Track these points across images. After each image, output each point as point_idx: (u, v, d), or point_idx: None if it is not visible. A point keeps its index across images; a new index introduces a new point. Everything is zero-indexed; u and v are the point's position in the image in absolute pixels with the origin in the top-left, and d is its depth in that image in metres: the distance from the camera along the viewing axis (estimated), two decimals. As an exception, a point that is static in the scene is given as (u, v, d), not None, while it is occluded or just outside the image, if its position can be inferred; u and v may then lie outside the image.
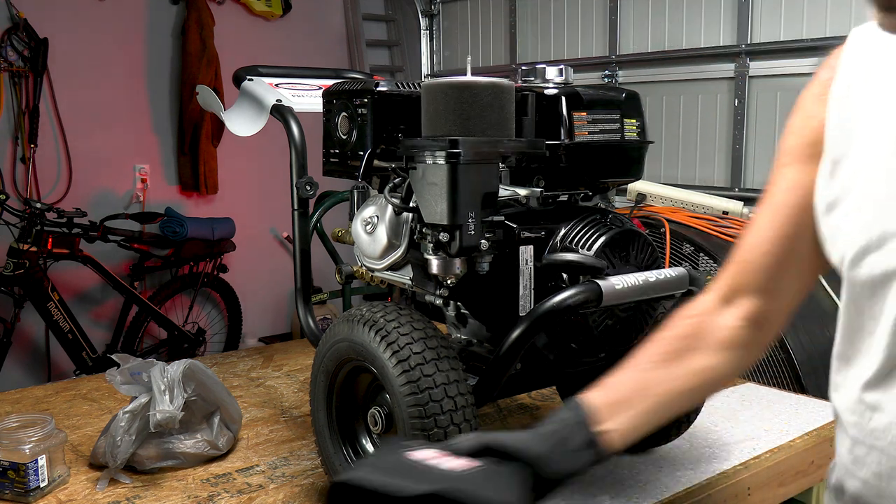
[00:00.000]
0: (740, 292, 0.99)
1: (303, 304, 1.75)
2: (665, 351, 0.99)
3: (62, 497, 1.48)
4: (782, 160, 0.95)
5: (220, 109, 2.00)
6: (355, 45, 5.14)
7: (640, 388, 0.97)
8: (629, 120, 1.42)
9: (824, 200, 0.87)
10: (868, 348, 0.82)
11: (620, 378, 0.98)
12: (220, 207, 4.58)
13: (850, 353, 0.86)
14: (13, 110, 3.91)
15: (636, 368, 0.99)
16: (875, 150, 0.81)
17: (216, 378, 1.67)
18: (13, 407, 1.94)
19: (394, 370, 1.25)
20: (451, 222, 1.24)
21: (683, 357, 0.98)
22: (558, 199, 1.49)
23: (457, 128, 1.25)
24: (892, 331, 0.78)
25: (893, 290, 0.78)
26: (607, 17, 4.05)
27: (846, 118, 0.85)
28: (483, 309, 1.45)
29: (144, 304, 4.04)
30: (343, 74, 2.11)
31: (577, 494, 1.48)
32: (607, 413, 0.93)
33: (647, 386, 0.97)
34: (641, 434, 0.97)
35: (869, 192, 0.81)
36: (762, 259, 0.97)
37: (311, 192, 1.71)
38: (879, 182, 0.80)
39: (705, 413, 1.70)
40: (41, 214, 3.61)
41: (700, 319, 1.01)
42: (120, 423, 1.52)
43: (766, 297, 0.98)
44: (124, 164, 4.33)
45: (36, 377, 4.00)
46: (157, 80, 4.40)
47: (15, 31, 3.85)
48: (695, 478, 1.55)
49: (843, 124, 0.85)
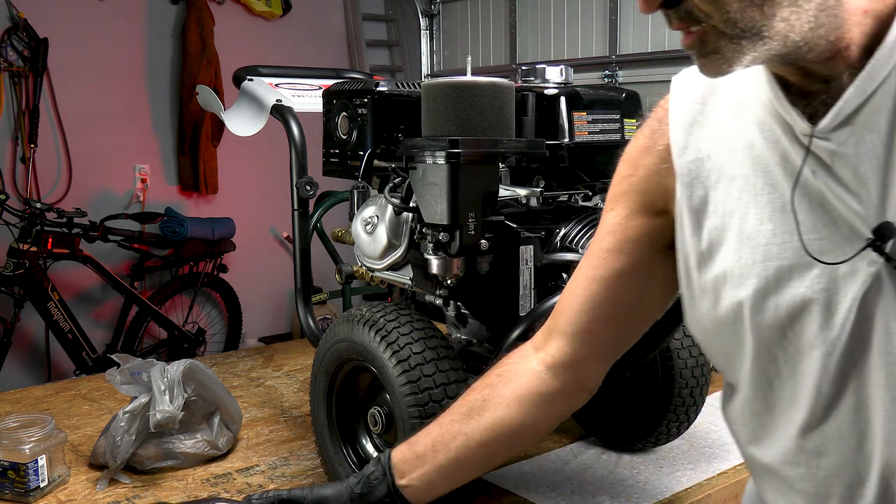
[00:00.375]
0: (551, 336, 0.98)
1: (303, 304, 1.75)
2: (467, 402, 1.00)
3: (62, 497, 1.48)
4: (606, 206, 0.93)
5: (220, 109, 2.00)
6: (355, 45, 5.14)
7: (437, 443, 0.99)
8: (629, 120, 1.42)
9: (694, 253, 0.82)
10: (792, 391, 0.76)
11: (425, 432, 1.01)
12: (220, 207, 4.58)
13: (771, 399, 0.79)
14: (13, 110, 3.91)
15: (440, 422, 1.01)
16: (736, 191, 0.77)
17: (216, 378, 1.67)
18: (13, 407, 1.94)
19: (394, 370, 1.25)
20: (451, 222, 1.24)
21: (480, 410, 0.98)
22: (558, 199, 1.49)
23: (457, 128, 1.25)
24: (820, 367, 0.73)
25: (806, 325, 0.73)
26: (607, 17, 4.05)
27: (695, 168, 0.81)
28: (483, 309, 1.45)
29: (144, 304, 4.04)
30: (343, 74, 2.11)
31: (576, 494, 1.48)
32: (407, 468, 0.98)
33: (444, 441, 0.99)
34: (447, 487, 1.01)
35: (747, 235, 0.76)
36: (572, 303, 0.95)
37: (311, 192, 1.71)
38: (755, 221, 0.76)
39: (705, 413, 1.70)
40: (41, 214, 3.61)
41: (510, 367, 1.01)
42: (120, 423, 1.52)
43: (574, 342, 0.96)
44: (124, 164, 4.33)
45: (36, 377, 4.00)
46: (157, 80, 4.40)
47: (15, 31, 3.85)
48: (695, 478, 1.55)
49: (693, 174, 0.81)
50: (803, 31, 0.66)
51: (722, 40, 0.68)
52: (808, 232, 0.72)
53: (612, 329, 0.95)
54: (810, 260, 0.71)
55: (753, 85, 0.76)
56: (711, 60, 0.69)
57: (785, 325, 0.75)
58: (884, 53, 0.66)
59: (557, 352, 0.97)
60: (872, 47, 0.67)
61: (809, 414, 0.75)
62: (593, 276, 0.93)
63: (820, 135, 0.70)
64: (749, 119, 0.77)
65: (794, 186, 0.72)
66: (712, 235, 0.80)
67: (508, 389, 0.98)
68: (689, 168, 0.82)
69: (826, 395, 0.74)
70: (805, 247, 0.72)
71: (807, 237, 0.72)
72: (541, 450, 1.68)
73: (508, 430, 0.98)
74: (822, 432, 0.75)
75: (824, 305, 0.72)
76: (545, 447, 1.69)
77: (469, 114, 1.24)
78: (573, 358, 0.96)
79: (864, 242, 0.68)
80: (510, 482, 1.52)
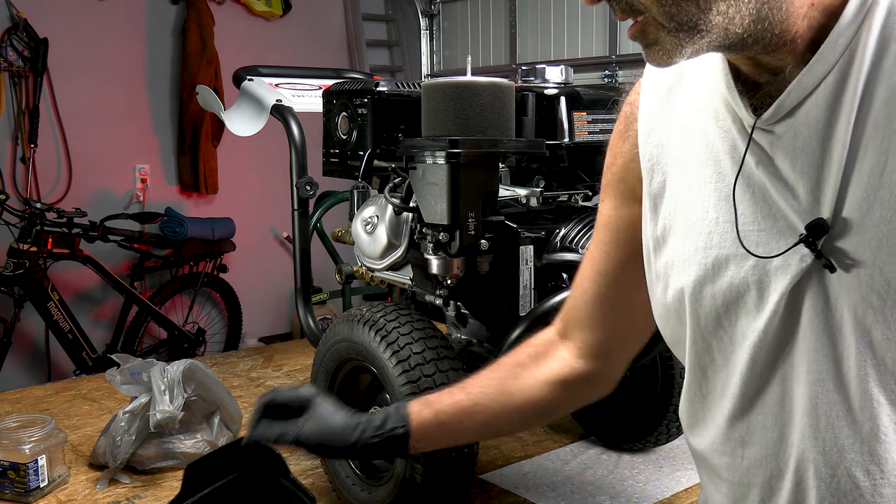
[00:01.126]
0: (572, 327, 0.98)
1: (303, 304, 1.75)
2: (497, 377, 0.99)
3: (62, 497, 1.48)
4: (601, 196, 0.94)
5: (220, 109, 2.00)
6: (355, 45, 5.14)
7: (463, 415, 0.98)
8: (629, 120, 1.42)
9: (651, 239, 0.83)
10: (724, 381, 0.77)
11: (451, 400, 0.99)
12: (220, 207, 4.58)
13: (705, 389, 0.80)
14: (13, 110, 3.91)
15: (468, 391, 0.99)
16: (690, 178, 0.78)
17: (216, 378, 1.67)
18: (13, 407, 1.94)
19: (394, 370, 1.25)
20: (451, 222, 1.24)
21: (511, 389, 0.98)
22: (558, 199, 1.49)
23: (457, 128, 1.25)
24: (748, 358, 0.74)
25: (740, 315, 0.74)
26: (607, 17, 4.05)
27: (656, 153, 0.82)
28: (483, 309, 1.45)
29: (144, 304, 4.04)
30: (343, 74, 2.11)
31: (576, 494, 1.48)
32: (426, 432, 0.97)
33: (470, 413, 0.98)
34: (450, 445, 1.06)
35: (693, 222, 0.77)
36: (585, 296, 0.96)
37: (311, 192, 1.71)
38: (702, 210, 0.76)
39: (705, 413, 1.70)
40: (41, 214, 3.61)
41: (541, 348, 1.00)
42: (120, 423, 1.52)
43: (596, 333, 0.96)
44: (124, 164, 4.33)
45: (36, 377, 4.00)
46: (157, 80, 4.40)
47: (15, 31, 3.85)
48: (695, 478, 1.55)
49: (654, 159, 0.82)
50: (745, 24, 0.66)
51: (661, 32, 0.68)
52: (748, 223, 0.72)
53: (627, 320, 0.95)
54: (746, 251, 0.72)
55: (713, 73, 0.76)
56: (653, 51, 0.70)
57: (720, 314, 0.75)
58: (827, 48, 0.65)
59: (583, 342, 0.97)
60: (820, 40, 0.66)
61: (737, 403, 0.76)
62: (598, 270, 0.94)
63: (762, 126, 0.70)
64: (707, 107, 0.77)
65: (737, 176, 0.73)
66: (666, 221, 0.81)
67: (540, 372, 0.98)
68: (651, 153, 0.83)
69: (753, 386, 0.75)
70: (740, 237, 0.72)
71: (745, 228, 0.72)
72: (541, 450, 1.68)
73: (534, 412, 0.99)
74: (747, 422, 0.76)
75: (756, 297, 0.72)
76: (545, 447, 1.69)
77: (469, 114, 1.24)
78: (598, 349, 0.96)
79: (798, 237, 0.68)
80: (510, 482, 1.52)
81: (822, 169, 0.67)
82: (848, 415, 0.69)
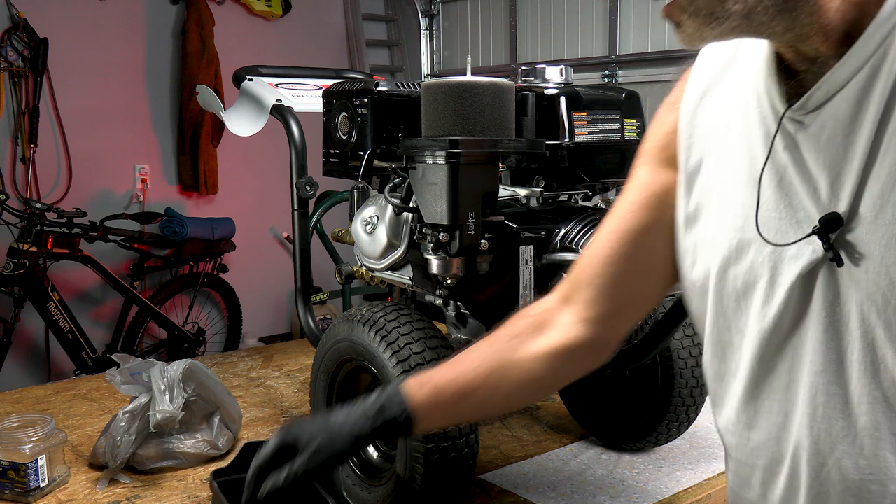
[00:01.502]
0: (578, 290, 0.95)
1: (303, 304, 1.75)
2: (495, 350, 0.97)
3: (62, 497, 1.48)
4: (637, 161, 0.93)
5: (220, 109, 2.00)
6: (355, 45, 5.14)
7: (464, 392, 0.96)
8: (629, 120, 1.42)
9: (683, 215, 0.85)
10: (737, 363, 0.79)
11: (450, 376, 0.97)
12: (220, 207, 4.58)
13: (723, 370, 0.82)
14: (13, 110, 3.91)
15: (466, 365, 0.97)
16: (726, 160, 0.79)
17: (216, 378, 1.67)
18: (13, 407, 1.94)
19: (394, 370, 1.26)
20: (451, 222, 1.24)
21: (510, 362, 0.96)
22: (558, 199, 1.49)
23: (457, 128, 1.25)
24: (758, 344, 0.75)
25: (754, 299, 0.75)
26: (607, 17, 4.05)
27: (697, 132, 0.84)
28: (483, 309, 1.45)
29: (144, 304, 4.04)
30: (343, 74, 2.11)
31: (576, 494, 1.48)
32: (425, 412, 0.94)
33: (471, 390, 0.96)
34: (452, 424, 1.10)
35: (724, 204, 0.79)
36: (597, 256, 0.94)
37: (311, 192, 1.71)
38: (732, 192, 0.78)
39: (705, 413, 1.69)
40: (41, 214, 3.61)
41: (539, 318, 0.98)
42: (120, 423, 1.52)
43: (602, 296, 0.94)
44: (124, 164, 4.33)
45: (36, 377, 4.00)
46: (157, 80, 4.40)
47: (15, 31, 3.85)
48: (695, 478, 1.55)
49: (693, 137, 0.84)
50: (769, 13, 0.67)
51: (683, 15, 0.70)
52: (770, 210, 0.74)
53: (638, 285, 0.94)
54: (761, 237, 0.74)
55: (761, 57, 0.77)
56: (679, 33, 0.72)
57: (740, 296, 0.77)
58: (862, 43, 0.66)
59: (586, 305, 0.95)
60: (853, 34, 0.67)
61: (747, 386, 0.78)
62: (619, 229, 0.92)
63: (793, 115, 0.71)
64: (751, 91, 0.78)
65: (765, 163, 0.74)
66: (699, 200, 0.83)
67: (540, 342, 0.96)
68: (691, 131, 0.84)
69: (761, 371, 0.77)
70: (758, 223, 0.74)
71: (767, 214, 0.74)
72: (541, 450, 1.68)
73: (535, 385, 0.98)
74: (755, 406, 0.78)
75: (768, 284, 0.74)
76: (545, 447, 1.69)
77: (469, 113, 1.24)
78: (602, 313, 0.94)
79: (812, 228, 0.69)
80: (510, 482, 1.52)
81: (844, 164, 0.68)
82: (845, 408, 0.70)
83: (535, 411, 1.90)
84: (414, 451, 1.24)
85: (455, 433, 1.23)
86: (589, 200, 1.50)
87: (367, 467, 1.45)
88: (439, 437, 1.22)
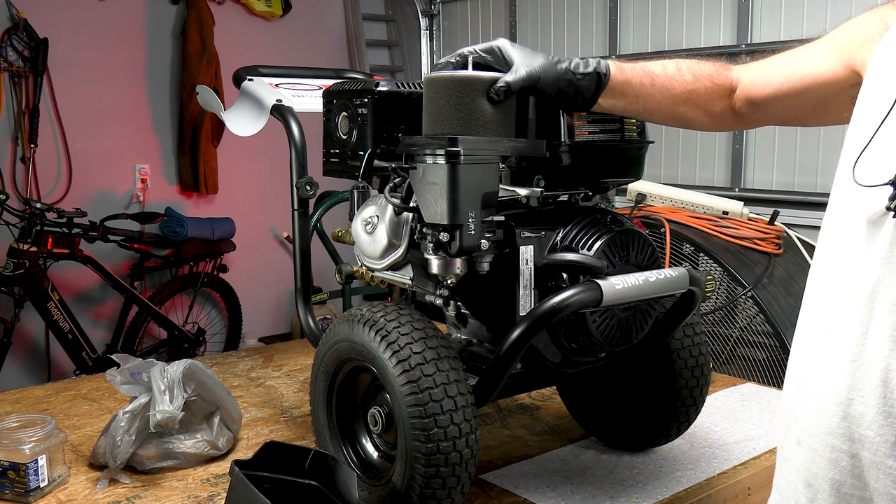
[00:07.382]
0: (753, 74, 1.21)
1: (303, 304, 1.75)
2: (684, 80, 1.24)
3: (62, 497, 1.48)
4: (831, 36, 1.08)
5: (220, 109, 2.00)
6: (355, 45, 5.14)
7: (645, 88, 1.24)
8: (629, 120, 1.42)
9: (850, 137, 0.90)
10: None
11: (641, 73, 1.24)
12: (220, 207, 4.58)
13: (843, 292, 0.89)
14: (13, 110, 3.91)
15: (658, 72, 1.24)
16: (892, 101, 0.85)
17: (216, 378, 1.67)
18: (13, 407, 1.94)
19: (394, 370, 1.25)
20: (451, 222, 1.24)
21: (687, 94, 1.23)
22: (558, 199, 1.49)
23: (458, 122, 1.24)
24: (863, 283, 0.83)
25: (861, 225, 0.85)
26: (607, 17, 4.05)
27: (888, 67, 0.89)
28: (483, 309, 1.45)
29: (144, 304, 4.04)
30: (343, 74, 2.11)
31: (576, 494, 1.48)
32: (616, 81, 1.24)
33: (650, 93, 1.24)
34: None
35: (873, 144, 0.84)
36: (782, 60, 1.17)
37: (311, 192, 1.71)
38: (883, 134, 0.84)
39: (705, 413, 1.70)
40: (41, 214, 3.61)
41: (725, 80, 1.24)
42: (120, 423, 1.52)
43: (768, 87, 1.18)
44: (124, 164, 4.33)
45: (36, 377, 4.00)
46: (157, 80, 4.40)
47: (15, 31, 3.85)
48: (695, 478, 1.55)
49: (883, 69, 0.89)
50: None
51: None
52: (883, 150, 0.81)
53: (798, 101, 1.14)
54: (852, 176, 0.83)
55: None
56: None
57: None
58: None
59: (749, 100, 1.22)
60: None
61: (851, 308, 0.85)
62: (808, 59, 1.10)
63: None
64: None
65: (889, 112, 0.82)
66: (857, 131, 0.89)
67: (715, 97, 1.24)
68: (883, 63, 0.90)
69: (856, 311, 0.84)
70: (855, 163, 0.83)
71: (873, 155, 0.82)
72: (541, 450, 1.68)
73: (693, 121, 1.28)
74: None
75: (858, 215, 0.84)
76: (545, 447, 1.69)
77: (471, 108, 1.24)
78: (758, 98, 1.21)
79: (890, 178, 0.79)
80: (510, 482, 1.52)
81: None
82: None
83: (534, 411, 1.90)
84: (414, 451, 1.24)
85: (455, 433, 1.24)
86: (589, 200, 1.49)
87: (368, 467, 1.45)
88: (439, 437, 1.22)
